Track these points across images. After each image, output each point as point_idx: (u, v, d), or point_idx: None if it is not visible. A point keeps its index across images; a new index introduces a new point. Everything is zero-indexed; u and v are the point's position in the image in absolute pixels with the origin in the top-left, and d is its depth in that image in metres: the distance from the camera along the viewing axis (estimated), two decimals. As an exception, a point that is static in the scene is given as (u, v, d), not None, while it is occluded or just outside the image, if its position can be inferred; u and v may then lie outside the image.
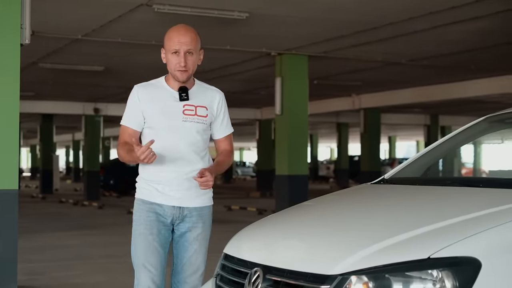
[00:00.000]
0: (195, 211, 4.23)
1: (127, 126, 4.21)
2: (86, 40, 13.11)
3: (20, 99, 6.08)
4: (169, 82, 4.23)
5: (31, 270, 9.24)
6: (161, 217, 4.16)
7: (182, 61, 4.10)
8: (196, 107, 4.20)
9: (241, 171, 62.65)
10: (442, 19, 11.45)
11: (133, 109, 4.19)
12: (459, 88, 20.45)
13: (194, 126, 4.19)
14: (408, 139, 58.56)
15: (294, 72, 15.10)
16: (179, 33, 4.13)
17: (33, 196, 28.07)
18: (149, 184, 4.18)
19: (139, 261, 4.14)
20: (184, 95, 4.17)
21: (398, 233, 3.03)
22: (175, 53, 4.11)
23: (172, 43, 4.12)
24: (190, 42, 4.12)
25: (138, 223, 4.18)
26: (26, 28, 6.01)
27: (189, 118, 4.17)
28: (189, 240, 4.22)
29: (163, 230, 4.16)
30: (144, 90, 4.21)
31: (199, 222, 4.25)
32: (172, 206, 4.17)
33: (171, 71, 4.17)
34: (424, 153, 4.62)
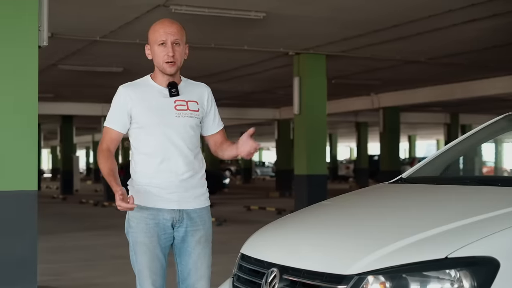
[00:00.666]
0: (194, 213, 4.08)
1: (111, 128, 4.06)
2: (104, 41, 13.17)
3: (40, 100, 6.10)
4: (156, 79, 4.10)
5: (52, 271, 9.28)
6: (160, 222, 4.01)
7: (170, 51, 3.98)
8: (187, 102, 4.07)
9: (261, 171, 62.62)
10: (461, 17, 11.38)
11: (119, 110, 4.04)
12: (479, 86, 20.33)
13: (188, 121, 4.04)
14: (428, 138, 58.29)
15: (312, 72, 15.08)
16: (165, 24, 4.04)
17: (53, 197, 28.21)
18: (145, 188, 4.02)
19: (141, 268, 4.03)
20: (174, 91, 4.04)
21: (415, 232, 3.01)
22: (162, 44, 3.99)
23: (158, 34, 4.01)
24: (176, 32, 4.02)
25: (137, 231, 4.02)
26: (44, 30, 6.03)
27: (182, 113, 4.03)
28: (191, 244, 4.07)
29: (163, 236, 4.02)
30: (131, 89, 4.05)
31: (199, 224, 4.09)
32: (171, 209, 4.02)
33: (159, 65, 4.04)
34: (443, 152, 4.59)
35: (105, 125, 4.10)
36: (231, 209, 20.54)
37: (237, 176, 54.96)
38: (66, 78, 19.01)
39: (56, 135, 36.05)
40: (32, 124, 5.86)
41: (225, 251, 3.88)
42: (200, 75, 17.74)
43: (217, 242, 4.30)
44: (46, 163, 74.90)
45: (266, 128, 39.96)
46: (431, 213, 3.36)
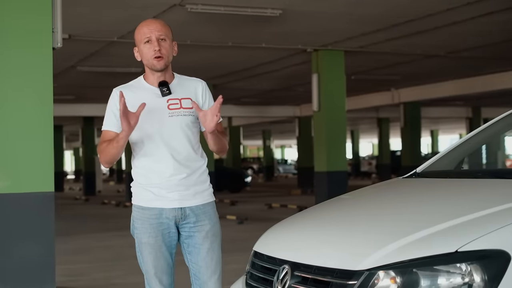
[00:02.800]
0: (198, 209, 4.06)
1: (110, 130, 4.04)
2: (122, 42, 13.22)
3: (61, 102, 6.13)
4: (148, 80, 4.09)
5: (73, 272, 9.34)
6: (164, 221, 4.02)
7: (156, 45, 3.97)
8: (180, 99, 4.04)
9: (283, 168, 62.64)
10: (480, 9, 11.31)
11: (114, 112, 4.01)
12: (500, 79, 20.18)
13: (183, 120, 4.02)
14: (450, 132, 58.00)
15: (331, 68, 15.05)
16: (148, 22, 4.05)
17: (76, 198, 28.38)
18: (145, 188, 4.06)
19: (148, 269, 4.04)
20: (165, 90, 4.02)
21: (425, 226, 2.99)
22: (148, 42, 3.99)
23: (142, 32, 4.01)
24: (160, 28, 4.01)
25: (141, 231, 4.04)
26: (57, 32, 6.02)
27: (175, 112, 4.01)
28: (199, 240, 4.07)
29: (167, 235, 4.03)
30: (123, 91, 3.98)
31: (204, 220, 4.07)
32: (173, 208, 4.01)
33: (148, 63, 4.03)
34: (457, 145, 4.55)
35: (103, 129, 4.08)
36: (253, 207, 20.56)
37: (259, 174, 55.01)
38: (86, 79, 19.12)
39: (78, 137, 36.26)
40: (47, 125, 5.86)
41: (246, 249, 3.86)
42: (219, 74, 17.78)
43: (238, 240, 4.31)
44: (69, 164, 75.34)
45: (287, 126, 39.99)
46: (442, 207, 3.33)
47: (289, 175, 57.49)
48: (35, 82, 5.86)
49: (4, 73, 5.74)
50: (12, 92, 5.76)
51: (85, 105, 26.92)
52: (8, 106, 5.75)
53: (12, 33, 5.78)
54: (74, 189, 37.71)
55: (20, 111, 5.79)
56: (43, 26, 5.89)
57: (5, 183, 5.69)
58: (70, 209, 21.98)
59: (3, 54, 5.75)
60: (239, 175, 30.56)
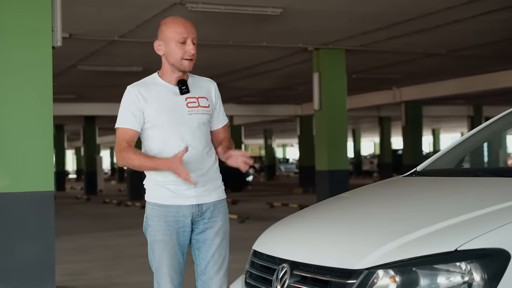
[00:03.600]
0: (212, 205, 4.08)
1: (126, 127, 3.99)
2: (122, 41, 13.21)
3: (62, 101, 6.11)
4: (165, 77, 4.07)
5: (72, 271, 9.32)
6: (180, 219, 4.02)
7: (192, 47, 3.97)
8: (197, 98, 4.06)
9: (284, 167, 62.61)
10: (480, 8, 11.29)
11: (131, 109, 3.99)
12: (501, 77, 20.16)
13: (200, 118, 4.04)
14: (452, 131, 57.95)
15: (332, 67, 15.03)
16: (184, 22, 4.02)
17: (77, 198, 28.39)
18: (161, 185, 4.02)
19: (159, 266, 4.02)
20: (184, 88, 4.03)
21: (425, 225, 2.98)
22: (182, 42, 3.97)
23: (178, 31, 3.97)
24: (194, 31, 4.02)
25: (156, 229, 4.02)
26: (57, 31, 6.02)
27: (194, 110, 4.02)
28: (210, 237, 4.09)
29: (182, 233, 4.03)
30: (141, 88, 4.02)
31: (218, 216, 4.11)
32: (190, 205, 4.02)
33: (176, 62, 3.99)
34: (457, 144, 4.54)
35: (117, 126, 4.03)
36: (254, 206, 20.53)
37: (261, 173, 54.99)
38: (87, 78, 19.10)
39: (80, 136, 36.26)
40: (47, 124, 5.86)
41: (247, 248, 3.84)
42: (220, 73, 17.75)
43: (239, 239, 4.31)
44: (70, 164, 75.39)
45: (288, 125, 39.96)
46: (441, 206, 3.32)
47: (291, 174, 57.49)
48: (35, 81, 5.85)
49: (4, 72, 5.73)
50: (12, 91, 5.76)
51: (86, 104, 26.92)
52: (8, 105, 5.74)
53: (12, 32, 5.78)
54: (76, 189, 37.72)
55: (20, 110, 5.78)
56: (42, 25, 5.89)
57: (5, 183, 5.69)
58: (71, 209, 21.98)
59: (3, 53, 5.75)
60: (241, 174, 30.52)
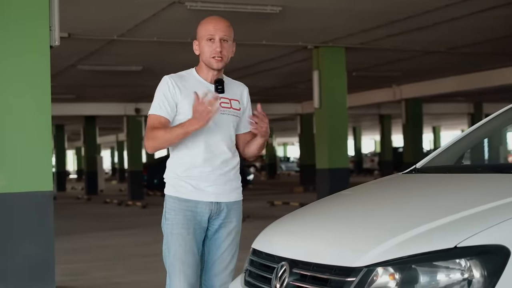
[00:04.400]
0: (231, 205, 4.13)
1: (158, 114, 4.04)
2: (121, 40, 13.19)
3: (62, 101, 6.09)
4: (201, 73, 4.14)
5: (73, 271, 9.32)
6: (198, 215, 4.05)
7: (218, 46, 4.02)
8: (230, 100, 4.13)
9: (285, 166, 62.58)
10: (479, 5, 11.27)
11: (166, 97, 4.05)
12: (501, 74, 20.14)
13: (231, 119, 4.12)
14: (452, 128, 57.89)
15: (332, 65, 15.00)
16: (214, 20, 4.10)
17: (78, 198, 28.39)
18: (183, 180, 4.06)
19: (174, 261, 4.02)
20: (220, 88, 4.08)
21: (424, 222, 2.96)
22: (210, 40, 4.04)
23: (207, 29, 4.06)
24: (225, 29, 4.06)
25: (174, 222, 4.04)
26: (55, 30, 6.00)
27: (226, 111, 4.09)
28: (222, 236, 4.12)
29: (198, 229, 4.06)
30: (176, 80, 4.09)
31: (233, 217, 4.14)
32: (210, 202, 4.05)
33: (206, 60, 4.07)
34: (457, 140, 4.52)
35: (150, 113, 4.07)
36: (255, 205, 20.52)
37: (261, 172, 54.99)
38: (86, 78, 19.08)
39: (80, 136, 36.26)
40: (45, 124, 5.85)
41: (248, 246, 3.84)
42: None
43: (240, 238, 4.31)
44: (71, 164, 75.39)
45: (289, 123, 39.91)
46: (441, 202, 3.30)
47: (292, 172, 57.47)
48: (34, 81, 5.84)
49: (2, 72, 5.72)
50: (10, 91, 5.75)
51: (86, 104, 26.90)
52: (6, 105, 5.73)
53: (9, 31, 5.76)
54: (76, 189, 37.71)
55: (19, 110, 5.77)
56: (40, 24, 5.88)
57: (4, 183, 5.68)
58: (72, 209, 21.97)
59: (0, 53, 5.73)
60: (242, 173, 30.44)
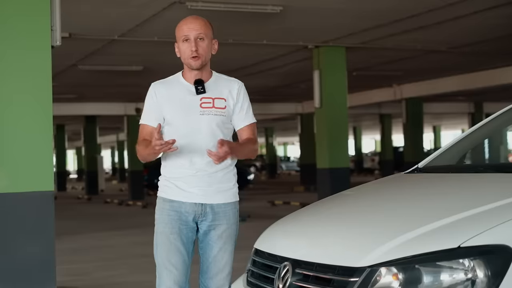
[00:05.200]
0: (218, 207, 4.07)
1: (148, 124, 4.11)
2: (122, 40, 13.18)
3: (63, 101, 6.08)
4: (185, 76, 4.15)
5: (74, 271, 9.31)
6: (182, 215, 4.04)
7: (193, 45, 4.01)
8: (213, 99, 4.09)
9: (286, 166, 62.59)
10: (481, 4, 11.25)
11: (152, 107, 4.11)
12: (502, 74, 20.12)
13: (213, 119, 4.06)
14: (453, 128, 57.89)
15: (332, 64, 14.98)
16: (188, 20, 4.09)
17: (78, 198, 28.37)
18: (169, 181, 4.09)
19: (160, 260, 4.04)
20: (200, 88, 4.07)
21: (427, 222, 2.96)
22: (186, 40, 4.04)
23: (181, 30, 4.06)
24: (199, 28, 4.04)
25: (159, 221, 4.09)
26: (56, 30, 6.00)
27: (206, 111, 4.05)
28: (213, 238, 4.09)
29: (185, 229, 4.04)
30: (160, 87, 4.13)
31: (223, 219, 4.08)
32: (194, 203, 4.03)
33: (185, 61, 4.09)
34: (459, 140, 4.51)
35: (140, 123, 4.17)
36: (256, 204, 20.52)
37: (262, 171, 54.98)
38: (87, 78, 19.07)
39: (80, 136, 36.26)
40: (47, 124, 5.84)
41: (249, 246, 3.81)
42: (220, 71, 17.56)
43: (240, 238, 4.27)
44: (71, 164, 75.38)
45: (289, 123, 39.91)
46: (444, 202, 3.30)
47: (292, 172, 57.46)
48: (35, 80, 5.83)
49: (3, 72, 5.71)
50: (12, 91, 5.74)
51: (87, 104, 26.90)
52: (7, 104, 5.72)
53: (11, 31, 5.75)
54: (77, 189, 37.70)
55: (20, 110, 5.76)
56: (42, 24, 5.86)
57: (4, 183, 5.67)
58: (73, 209, 21.96)
59: (2, 53, 5.72)
60: (242, 172, 30.53)
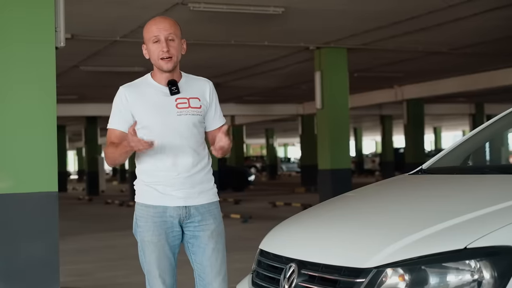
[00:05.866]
0: (203, 208, 4.03)
1: (116, 128, 4.04)
2: (124, 41, 13.19)
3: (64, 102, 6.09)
4: (156, 78, 4.06)
5: (77, 272, 9.32)
6: (167, 220, 3.98)
7: (165, 46, 3.94)
8: (188, 99, 4.02)
9: (286, 167, 62.58)
10: (482, 6, 11.28)
11: (121, 110, 4.02)
12: (503, 75, 20.14)
13: (190, 119, 4.00)
14: (453, 129, 57.95)
15: (334, 66, 15.02)
16: (157, 21, 4.02)
17: (79, 198, 28.36)
18: (149, 186, 4.03)
19: (150, 268, 4.01)
20: (174, 89, 4.00)
21: (433, 223, 2.96)
22: (156, 42, 3.96)
23: (151, 31, 3.98)
24: (169, 28, 3.98)
25: (144, 229, 4.01)
26: (60, 31, 6.00)
27: (183, 111, 3.98)
28: (204, 240, 4.03)
29: (171, 233, 3.99)
30: (131, 89, 4.03)
31: (209, 219, 4.04)
32: (177, 206, 3.98)
33: (155, 62, 4.00)
34: (463, 141, 4.53)
35: (108, 127, 4.08)
36: (257, 205, 20.53)
37: (262, 172, 54.99)
38: (89, 79, 19.10)
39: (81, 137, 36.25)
40: (50, 124, 5.85)
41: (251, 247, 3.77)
42: (222, 72, 17.75)
43: (243, 239, 4.27)
44: (72, 164, 75.33)
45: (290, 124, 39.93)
46: (450, 204, 3.30)
47: (292, 173, 57.49)
48: (39, 82, 5.84)
49: (8, 73, 5.72)
50: (16, 92, 5.75)
51: (88, 105, 26.89)
52: (12, 106, 5.73)
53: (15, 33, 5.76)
54: (77, 189, 37.69)
55: (24, 111, 5.77)
56: (46, 25, 5.88)
57: (9, 183, 5.68)
58: (74, 209, 21.96)
59: (6, 54, 5.73)
60: (243, 173, 30.49)
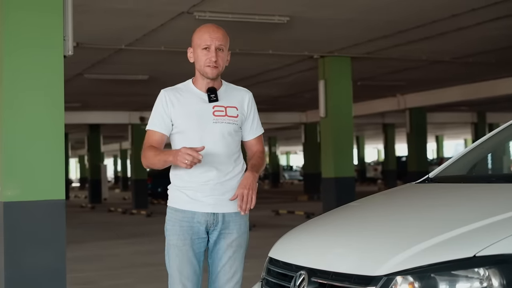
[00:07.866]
0: (229, 217, 4.06)
1: (155, 130, 4.08)
2: (129, 50, 13.23)
3: (67, 110, 6.12)
4: (197, 84, 4.14)
5: (82, 280, 9.33)
6: (195, 225, 4.02)
7: (214, 55, 4.01)
8: (226, 107, 4.09)
9: (288, 175, 62.52)
10: (484, 15, 11.30)
11: (161, 113, 4.08)
12: (505, 84, 20.14)
13: (226, 128, 4.06)
14: (455, 138, 57.92)
15: (337, 74, 15.04)
16: (210, 29, 4.09)
17: (82, 206, 28.36)
18: (181, 191, 4.06)
19: (172, 272, 4.06)
20: (213, 96, 4.06)
21: (442, 232, 2.99)
22: (206, 48, 4.03)
23: (203, 38, 4.04)
24: (221, 38, 4.05)
25: (171, 233, 4.07)
26: (69, 40, 6.06)
27: (219, 119, 4.05)
28: (223, 247, 4.07)
29: (197, 240, 4.04)
30: (171, 93, 4.10)
31: (233, 228, 4.07)
32: (206, 212, 4.02)
33: (200, 68, 4.07)
34: (469, 150, 4.56)
35: (147, 128, 4.13)
36: (260, 213, 20.52)
37: (265, 180, 54.94)
38: (93, 87, 19.12)
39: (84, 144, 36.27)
40: (58, 133, 5.90)
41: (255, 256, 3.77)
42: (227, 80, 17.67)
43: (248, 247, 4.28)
44: (74, 172, 75.35)
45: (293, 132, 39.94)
46: (458, 212, 3.33)
47: (295, 181, 57.43)
48: (47, 90, 5.89)
49: (16, 82, 5.77)
50: (24, 100, 5.79)
51: (91, 112, 26.92)
52: (20, 114, 5.77)
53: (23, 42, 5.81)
54: (80, 197, 37.65)
55: (32, 120, 5.82)
56: (54, 34, 5.93)
57: (16, 191, 5.71)
58: (76, 217, 21.95)
59: (15, 63, 5.78)
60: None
